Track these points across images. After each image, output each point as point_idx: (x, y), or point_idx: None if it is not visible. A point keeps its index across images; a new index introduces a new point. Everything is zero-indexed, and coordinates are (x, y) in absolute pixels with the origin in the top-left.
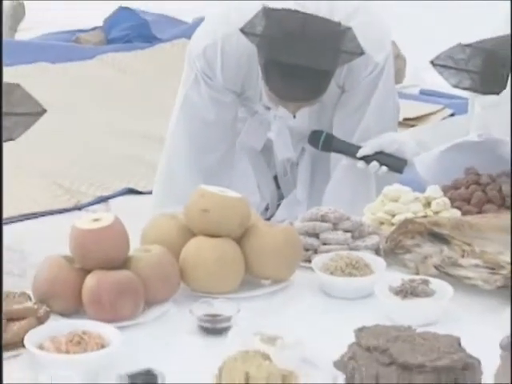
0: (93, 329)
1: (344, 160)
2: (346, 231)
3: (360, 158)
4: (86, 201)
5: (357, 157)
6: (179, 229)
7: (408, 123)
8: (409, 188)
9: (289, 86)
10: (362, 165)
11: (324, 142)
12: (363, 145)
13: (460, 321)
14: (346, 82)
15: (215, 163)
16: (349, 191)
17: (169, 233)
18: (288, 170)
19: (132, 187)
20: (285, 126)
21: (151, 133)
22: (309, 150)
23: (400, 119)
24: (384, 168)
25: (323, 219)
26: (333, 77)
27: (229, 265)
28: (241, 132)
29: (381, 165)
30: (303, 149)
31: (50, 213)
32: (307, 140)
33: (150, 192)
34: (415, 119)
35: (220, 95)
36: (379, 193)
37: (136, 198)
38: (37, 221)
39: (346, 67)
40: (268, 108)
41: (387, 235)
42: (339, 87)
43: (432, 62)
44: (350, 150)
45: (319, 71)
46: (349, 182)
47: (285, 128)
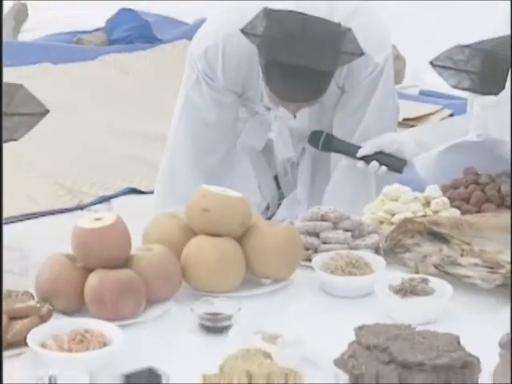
0: (95, 327)
1: (344, 160)
2: (346, 230)
3: (360, 158)
4: (88, 200)
5: (357, 157)
6: (181, 228)
7: (407, 123)
8: (408, 188)
9: (289, 87)
10: (362, 165)
11: (324, 142)
12: (363, 145)
13: (459, 319)
14: (346, 83)
15: (216, 163)
16: (349, 191)
17: (170, 232)
18: (288, 170)
19: (134, 187)
20: (285, 127)
21: (152, 133)
22: (309, 150)
23: (400, 119)
24: (384, 168)
25: (323, 218)
26: (333, 77)
27: (230, 264)
28: (242, 132)
29: (380, 165)
30: (303, 149)
31: (53, 212)
32: (307, 140)
33: (152, 192)
34: (415, 119)
35: (221, 96)
36: (379, 192)
37: (138, 198)
38: (39, 220)
39: (346, 68)
40: (268, 108)
41: (387, 234)
42: (339, 88)
43: (431, 63)
44: (350, 150)
45: (319, 72)
46: (349, 182)
47: (285, 128)
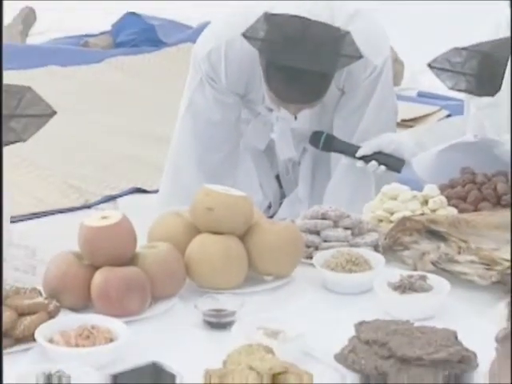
0: (101, 323)
1: (344, 159)
2: (346, 228)
3: (359, 158)
4: (95, 200)
5: (356, 156)
6: (185, 226)
7: (406, 124)
8: (407, 187)
9: (290, 89)
10: (362, 164)
11: (324, 143)
12: (362, 145)
13: (456, 315)
14: (346, 85)
15: (220, 163)
16: (349, 190)
17: (175, 230)
18: (290, 170)
19: (139, 186)
20: (287, 127)
21: (157, 134)
22: (310, 150)
23: (398, 120)
24: (382, 167)
25: (324, 217)
26: (332, 80)
27: (233, 261)
28: (245, 133)
29: (379, 164)
30: (304, 149)
31: (60, 211)
32: (308, 140)
33: (157, 191)
34: (413, 120)
35: (224, 97)
36: (378, 191)
37: (143, 197)
38: (47, 219)
39: (346, 70)
40: (270, 110)
41: (386, 232)
42: (339, 89)
43: (429, 65)
44: (350, 150)
45: (319, 74)
46: (349, 181)
47: (287, 129)
